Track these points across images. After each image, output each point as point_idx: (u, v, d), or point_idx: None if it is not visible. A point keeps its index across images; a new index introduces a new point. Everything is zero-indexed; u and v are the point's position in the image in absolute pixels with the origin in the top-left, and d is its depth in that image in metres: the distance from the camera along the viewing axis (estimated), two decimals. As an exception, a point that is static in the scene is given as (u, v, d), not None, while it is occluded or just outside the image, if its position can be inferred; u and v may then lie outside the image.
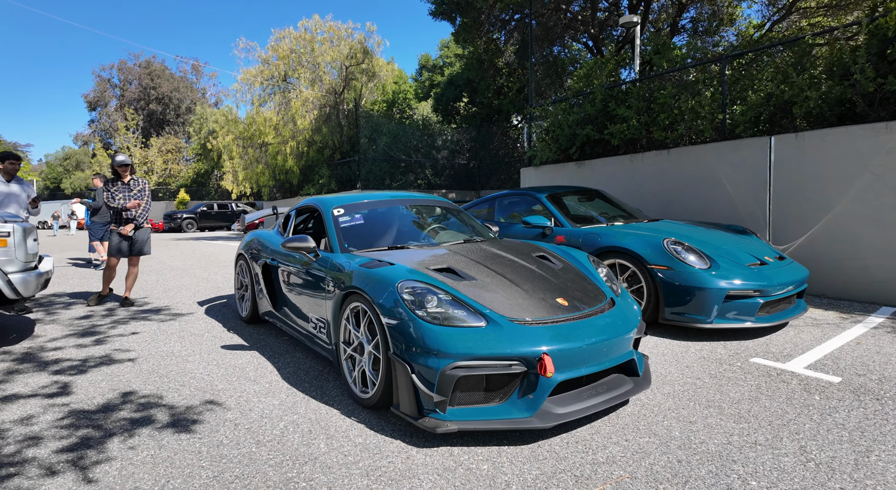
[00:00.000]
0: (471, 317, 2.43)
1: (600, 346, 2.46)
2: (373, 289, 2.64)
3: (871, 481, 1.94)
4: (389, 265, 2.81)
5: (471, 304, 2.51)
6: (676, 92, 6.58)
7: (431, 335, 2.33)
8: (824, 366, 3.22)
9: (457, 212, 4.22)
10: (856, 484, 1.93)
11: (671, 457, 2.17)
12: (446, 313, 2.43)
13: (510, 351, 2.29)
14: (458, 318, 2.41)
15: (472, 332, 2.36)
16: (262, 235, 4.63)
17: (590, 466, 2.11)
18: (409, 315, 2.42)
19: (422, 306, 2.45)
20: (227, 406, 2.88)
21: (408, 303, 2.47)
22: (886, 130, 4.69)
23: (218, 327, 4.75)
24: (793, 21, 15.35)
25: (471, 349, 2.28)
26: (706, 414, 2.58)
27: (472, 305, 2.50)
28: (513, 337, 2.34)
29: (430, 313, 2.42)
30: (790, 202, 5.38)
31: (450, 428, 2.25)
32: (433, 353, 2.30)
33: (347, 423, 2.60)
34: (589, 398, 2.44)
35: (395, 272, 2.68)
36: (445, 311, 2.44)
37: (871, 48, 4.86)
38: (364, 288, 2.69)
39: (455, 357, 2.27)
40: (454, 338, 2.32)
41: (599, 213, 5.38)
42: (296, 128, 26.42)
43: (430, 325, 2.37)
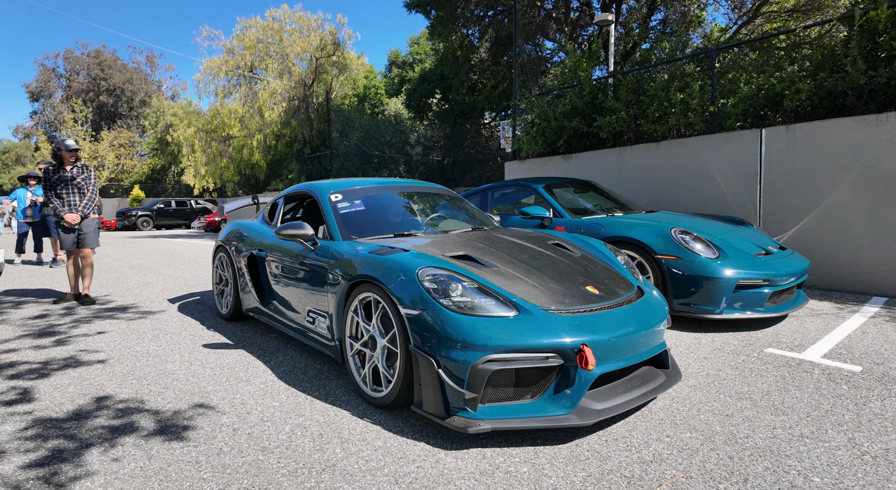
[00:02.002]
0: (500, 306, 2.23)
1: (636, 336, 2.31)
2: (388, 277, 2.40)
3: (931, 473, 1.85)
4: (403, 251, 2.58)
5: (498, 292, 2.31)
6: (666, 84, 6.56)
7: (460, 326, 2.12)
8: (839, 355, 3.18)
9: (458, 200, 4.01)
10: (917, 476, 1.83)
11: (721, 453, 2.03)
12: (473, 302, 2.22)
13: (546, 342, 2.10)
14: (485, 308, 2.21)
15: (504, 322, 2.16)
16: (246, 225, 4.29)
17: (638, 466, 1.95)
18: (433, 304, 2.20)
19: (446, 295, 2.23)
20: (221, 409, 2.59)
21: (430, 291, 2.24)
22: (877, 122, 4.76)
23: (196, 325, 4.39)
24: (757, 25, 15.84)
25: (504, 340, 2.08)
26: (740, 406, 2.47)
27: (500, 293, 2.29)
28: (547, 327, 2.16)
29: (456, 302, 2.21)
30: (781, 194, 5.42)
31: (483, 427, 2.04)
32: (462, 344, 2.08)
33: (361, 425, 2.36)
34: (626, 392, 2.28)
35: (413, 258, 2.45)
36: (472, 299, 2.23)
37: (862, 41, 4.92)
38: (378, 276, 2.44)
39: (487, 349, 2.06)
40: (485, 328, 2.11)
41: (595, 204, 5.27)
42: (263, 120, 25.54)
43: (457, 314, 2.15)
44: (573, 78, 7.73)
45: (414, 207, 3.72)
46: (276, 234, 3.09)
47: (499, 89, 19.76)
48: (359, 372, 2.68)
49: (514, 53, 9.47)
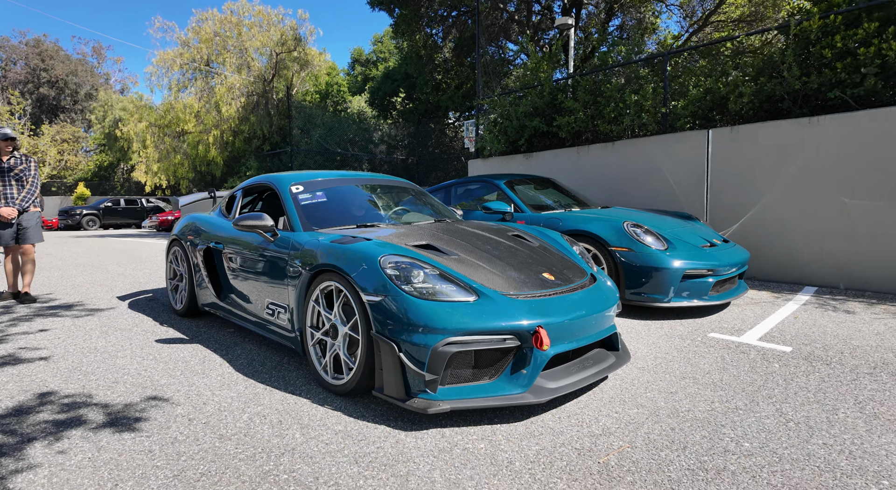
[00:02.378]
0: (460, 291, 2.29)
1: (588, 319, 2.42)
2: (350, 265, 2.42)
3: (847, 436, 2.04)
4: (366, 240, 2.60)
5: (459, 278, 2.37)
6: (622, 86, 6.82)
7: (420, 310, 2.17)
8: (773, 337, 3.42)
9: (422, 194, 4.05)
10: (835, 439, 2.01)
11: (664, 425, 2.16)
12: (434, 288, 2.28)
13: (504, 324, 2.18)
14: (446, 293, 2.27)
15: (464, 306, 2.22)
16: (202, 218, 4.20)
17: (588, 439, 2.05)
18: (395, 290, 2.24)
19: (408, 281, 2.28)
20: (176, 401, 2.54)
21: (392, 278, 2.28)
22: (809, 125, 5.12)
23: (148, 321, 4.26)
24: (706, 33, 16.65)
25: (464, 324, 2.15)
26: (683, 384, 2.62)
27: (460, 279, 2.36)
28: (506, 310, 2.24)
29: (417, 288, 2.26)
30: (725, 191, 5.74)
31: (442, 407, 2.10)
32: (423, 329, 2.14)
33: (322, 412, 2.37)
34: (578, 372, 2.39)
35: (375, 247, 2.48)
36: (433, 285, 2.29)
37: (796, 49, 5.28)
38: (339, 265, 2.46)
39: (447, 332, 2.13)
40: (446, 312, 2.17)
41: (554, 200, 5.43)
42: (220, 116, 24.77)
43: (418, 299, 2.21)
44: (534, 79, 7.91)
45: (377, 200, 3.75)
46: (235, 226, 3.05)
47: (463, 89, 19.91)
48: (319, 361, 2.69)
49: (478, 54, 9.59)
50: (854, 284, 4.89)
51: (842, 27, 5.09)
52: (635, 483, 1.73)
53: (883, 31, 4.82)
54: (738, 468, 1.80)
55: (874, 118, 4.73)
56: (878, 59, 4.75)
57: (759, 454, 1.90)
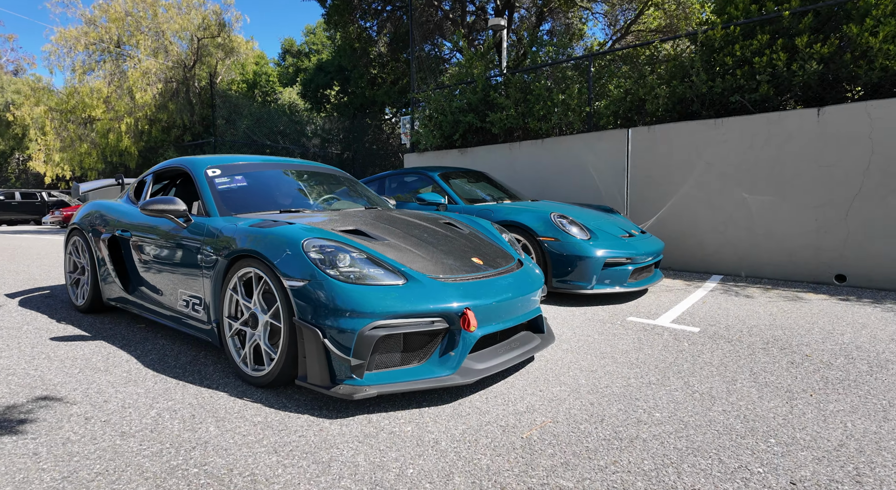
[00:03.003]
0: (388, 275, 2.25)
1: (514, 302, 2.47)
2: (271, 249, 2.31)
3: (742, 403, 2.22)
4: (288, 224, 2.49)
5: (387, 261, 2.33)
6: (550, 85, 7.05)
7: (346, 295, 2.11)
8: (684, 320, 3.67)
9: (351, 181, 3.95)
10: (732, 406, 2.18)
11: (584, 401, 2.25)
12: (361, 272, 2.22)
13: (432, 307, 2.17)
14: (374, 277, 2.22)
15: (392, 289, 2.18)
16: (107, 205, 3.85)
17: (513, 416, 2.09)
18: (319, 275, 2.16)
19: (333, 265, 2.21)
20: (71, 400, 2.30)
21: (316, 262, 2.20)
22: (715, 126, 5.55)
23: (42, 319, 3.85)
24: (628, 42, 17.66)
25: (391, 307, 2.11)
26: (603, 363, 2.75)
27: (388, 263, 2.32)
28: (434, 293, 2.23)
29: (343, 272, 2.19)
30: (644, 187, 6.10)
31: (368, 393, 2.05)
32: (349, 313, 2.08)
33: (240, 404, 2.24)
34: (505, 353, 2.43)
35: (298, 230, 2.38)
36: (360, 269, 2.23)
37: (703, 56, 5.71)
38: (259, 249, 2.34)
39: (374, 316, 2.08)
40: (372, 296, 2.12)
41: (486, 193, 5.52)
42: (134, 103, 22.90)
43: (343, 283, 2.14)
44: (468, 75, 7.99)
45: (304, 187, 3.60)
46: (142, 210, 2.81)
47: (399, 85, 19.75)
48: (238, 353, 2.54)
49: (412, 46, 9.55)
50: (753, 272, 5.38)
51: (740, 37, 5.56)
52: (555, 455, 1.78)
53: (773, 44, 5.32)
54: (649, 435, 1.91)
55: (769, 121, 5.21)
56: (769, 68, 5.24)
57: (667, 422, 2.02)
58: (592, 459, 1.74)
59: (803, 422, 2.01)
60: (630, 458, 1.74)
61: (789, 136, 5.09)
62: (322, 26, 33.39)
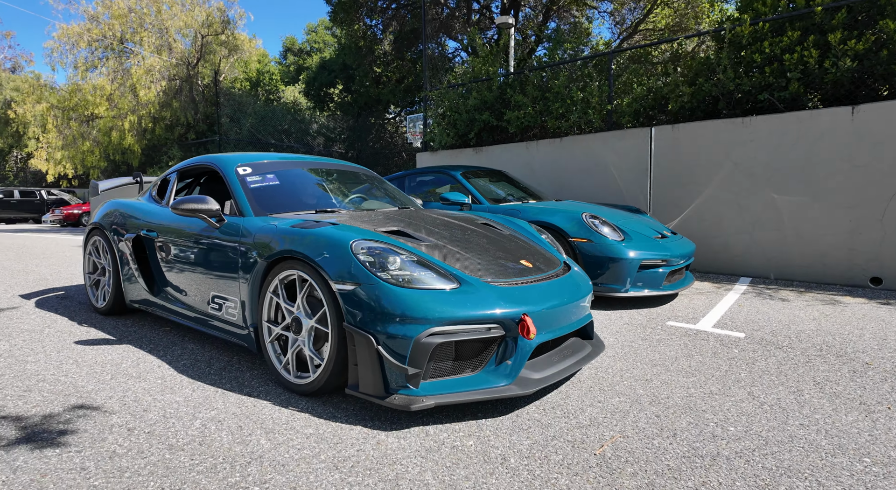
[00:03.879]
0: (440, 278, 2.14)
1: (568, 307, 2.36)
2: (317, 251, 2.19)
3: (818, 416, 2.11)
4: (332, 224, 2.38)
5: (438, 264, 2.22)
6: (568, 82, 6.94)
7: (400, 299, 2.00)
8: (726, 325, 3.56)
9: (379, 180, 3.84)
10: (808, 419, 2.08)
11: (648, 413, 2.14)
12: (412, 275, 2.11)
13: (489, 313, 2.06)
14: (425, 281, 2.11)
15: (445, 294, 2.07)
16: (129, 204, 3.73)
17: (578, 430, 1.98)
18: (370, 278, 2.05)
19: (383, 268, 2.10)
20: (109, 409, 2.19)
21: (366, 265, 2.09)
22: (743, 125, 5.44)
23: (62, 321, 3.74)
24: (635, 41, 17.54)
25: (447, 312, 2.00)
26: (656, 372, 2.64)
27: (439, 266, 2.21)
28: (489, 298, 2.12)
29: (394, 275, 2.08)
30: (667, 187, 5.99)
31: (426, 403, 1.94)
32: (403, 319, 1.97)
33: (287, 414, 2.13)
34: (559, 362, 2.32)
35: (344, 231, 2.27)
36: (411, 272, 2.12)
37: (730, 53, 5.60)
38: (304, 251, 2.23)
39: (431, 322, 1.97)
40: (427, 301, 2.01)
41: (508, 192, 5.41)
42: (137, 100, 22.72)
43: (396, 287, 2.03)
44: (483, 72, 7.87)
45: (332, 185, 3.49)
46: (174, 210, 2.70)
47: (404, 84, 19.61)
48: (279, 359, 2.43)
49: (424, 41, 9.43)
50: (783, 274, 5.27)
51: (769, 34, 5.45)
52: (637, 474, 1.67)
53: (804, 40, 5.21)
54: (731, 453, 1.80)
55: (799, 119, 5.10)
56: (801, 65, 5.12)
57: (745, 438, 1.91)
58: (679, 480, 1.63)
59: (891, 438, 1.91)
60: (720, 479, 1.63)
61: (821, 135, 4.98)
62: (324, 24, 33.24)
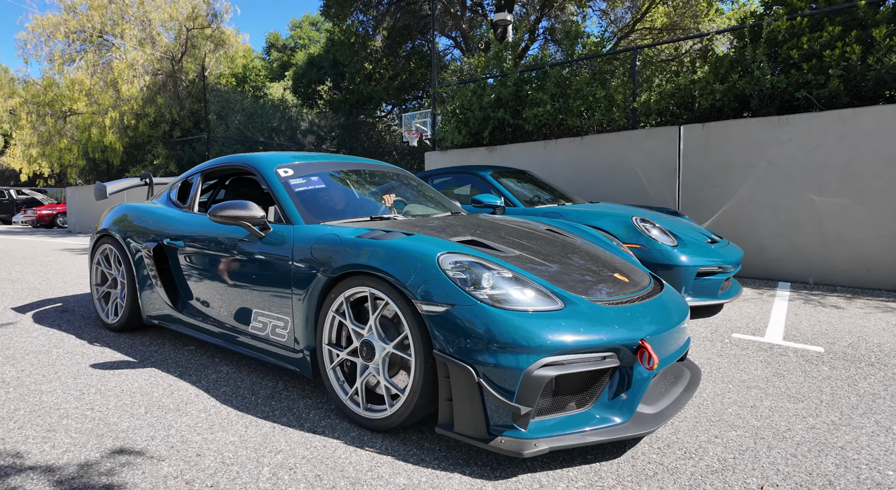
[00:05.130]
0: (542, 298, 1.85)
1: (677, 330, 2.07)
2: (397, 266, 1.89)
3: (962, 449, 1.88)
4: (405, 235, 2.07)
5: (535, 280, 1.93)
6: (590, 79, 6.70)
7: (504, 323, 1.70)
8: (795, 336, 3.34)
9: (418, 182, 3.53)
10: (953, 454, 1.84)
11: (779, 452, 1.88)
12: (509, 294, 1.81)
13: (604, 339, 1.77)
14: (526, 301, 1.81)
15: (554, 316, 1.78)
16: (144, 209, 3.36)
17: (716, 478, 1.71)
18: (466, 298, 1.75)
19: (478, 286, 1.80)
20: (155, 453, 1.86)
21: (458, 282, 1.79)
22: (779, 124, 5.26)
23: (70, 340, 3.36)
24: (632, 40, 17.44)
25: (560, 339, 1.71)
26: (755, 396, 2.39)
27: (537, 283, 1.92)
28: (602, 320, 1.83)
29: (490, 295, 1.79)
30: (697, 188, 5.79)
31: (539, 448, 1.65)
32: (510, 347, 1.67)
33: (367, 458, 1.82)
34: (667, 392, 2.04)
35: (425, 243, 1.97)
36: (507, 290, 1.82)
37: (766, 49, 5.41)
38: (381, 266, 1.92)
39: (542, 351, 1.68)
40: (537, 325, 1.72)
41: (537, 194, 5.13)
42: (119, 95, 21.87)
43: (499, 310, 1.74)
44: (497, 67, 7.58)
45: (377, 188, 3.17)
46: (212, 217, 2.36)
47: (397, 81, 19.21)
48: (342, 388, 2.12)
49: (432, 34, 9.10)
50: (823, 279, 5.10)
51: (807, 30, 5.28)
52: (818, 536, 1.41)
53: (845, 35, 5.04)
54: (909, 503, 1.56)
55: (841, 118, 4.93)
56: (843, 61, 4.96)
57: (912, 482, 1.67)
58: (876, 545, 1.38)
59: None
60: (925, 544, 1.38)
61: (865, 134, 4.82)
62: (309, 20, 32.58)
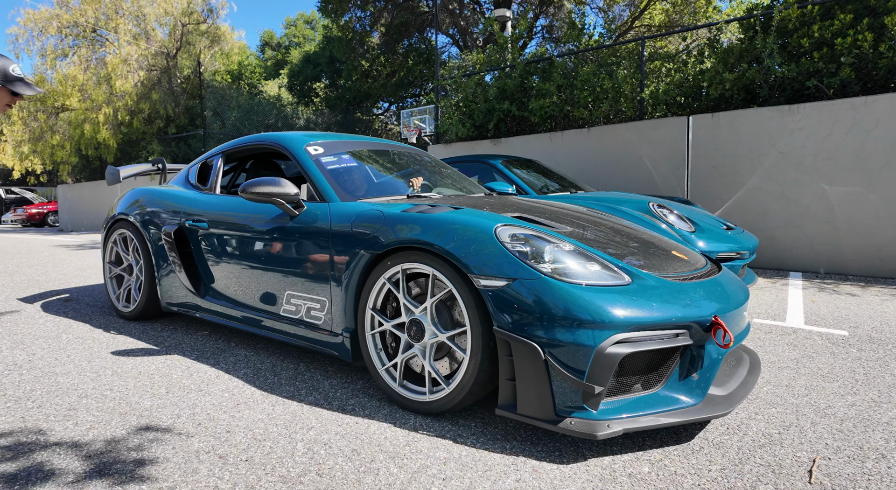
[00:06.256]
0: (608, 272, 1.77)
1: (741, 311, 1.99)
2: (451, 239, 1.81)
3: None
4: (454, 208, 2.01)
5: (598, 255, 1.86)
6: (596, 70, 6.68)
7: (574, 298, 1.62)
8: (817, 322, 3.32)
9: (443, 165, 3.46)
10: None
11: (824, 427, 1.85)
12: (572, 268, 1.74)
13: (677, 314, 1.69)
14: (591, 275, 1.73)
15: (626, 291, 1.70)
16: (161, 191, 3.28)
17: (764, 452, 1.68)
18: (530, 271, 1.68)
19: (540, 259, 1.73)
20: (183, 430, 1.80)
21: (519, 255, 1.72)
22: (790, 113, 5.26)
23: (80, 327, 3.28)
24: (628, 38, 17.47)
25: (632, 315, 1.63)
26: (789, 376, 2.37)
27: (601, 257, 1.85)
28: (674, 295, 1.76)
29: (555, 269, 1.71)
30: (707, 178, 5.78)
31: (614, 430, 1.57)
32: (582, 323, 1.59)
33: (403, 435, 1.77)
34: (733, 374, 1.97)
35: (481, 216, 1.91)
36: (570, 264, 1.75)
37: (777, 38, 5.40)
38: (433, 240, 1.83)
39: (614, 327, 1.60)
40: (608, 299, 1.64)
41: (547, 183, 5.09)
42: (112, 91, 21.64)
43: (566, 284, 1.66)
44: (501, 60, 7.55)
45: (409, 168, 3.09)
46: (243, 194, 2.28)
47: (395, 78, 19.13)
48: (386, 369, 2.04)
49: (437, 28, 9.05)
50: (834, 269, 5.10)
51: (818, 18, 5.27)
52: (884, 505, 1.38)
53: (857, 23, 5.04)
54: (970, 474, 1.52)
55: (853, 106, 4.93)
56: (854, 49, 4.95)
57: (967, 453, 1.64)
58: (947, 513, 1.34)
59: None
60: None
61: (878, 123, 4.82)
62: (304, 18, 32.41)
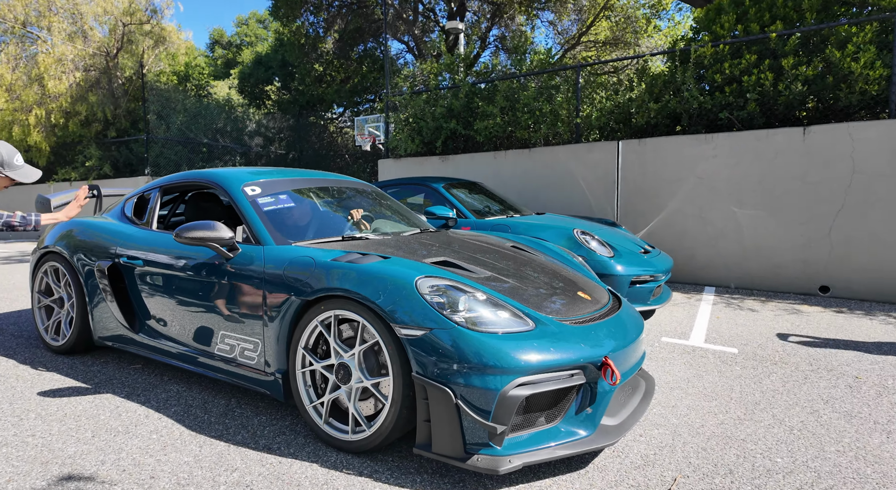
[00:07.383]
0: (515, 319, 1.98)
1: (636, 345, 2.25)
2: (375, 290, 1.97)
3: (847, 440, 2.21)
4: (382, 259, 2.18)
5: (508, 302, 2.07)
6: (536, 94, 7.02)
7: (482, 345, 1.82)
8: (715, 339, 3.71)
9: (384, 196, 3.61)
10: (841, 445, 2.17)
11: (692, 446, 2.15)
12: (484, 316, 1.94)
13: (572, 357, 1.91)
14: (501, 323, 1.94)
15: (528, 337, 1.91)
16: (95, 224, 3.28)
17: (636, 472, 1.94)
18: (444, 321, 1.87)
19: (455, 309, 1.92)
20: (106, 478, 1.89)
21: (436, 306, 1.91)
22: (706, 141, 5.75)
23: (5, 364, 3.24)
24: (577, 52, 18.17)
25: (533, 359, 1.84)
26: (676, 396, 2.68)
27: (510, 304, 2.06)
28: (570, 339, 1.98)
29: (467, 318, 1.91)
30: (634, 199, 6.21)
31: (514, 465, 1.77)
32: (486, 368, 1.79)
33: (321, 473, 1.93)
34: (626, 402, 2.20)
35: (402, 267, 2.09)
36: (481, 313, 1.95)
37: (694, 72, 5.89)
38: (358, 290, 2.00)
39: (516, 371, 1.80)
40: (511, 346, 1.84)
41: (487, 205, 5.35)
42: (45, 92, 20.48)
43: (475, 332, 1.86)
44: (451, 75, 7.77)
45: (346, 206, 3.21)
46: (178, 238, 2.37)
47: (349, 84, 19.09)
48: (315, 410, 2.18)
49: (385, 38, 9.17)
50: (742, 284, 5.61)
51: (729, 56, 5.79)
52: (718, 520, 1.66)
53: (760, 63, 5.58)
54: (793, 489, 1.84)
55: (757, 138, 5.46)
56: (758, 86, 5.48)
57: (797, 471, 1.96)
58: (763, 525, 1.63)
59: (920, 460, 2.03)
60: (801, 521, 1.65)
61: (777, 154, 5.35)
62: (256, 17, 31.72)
